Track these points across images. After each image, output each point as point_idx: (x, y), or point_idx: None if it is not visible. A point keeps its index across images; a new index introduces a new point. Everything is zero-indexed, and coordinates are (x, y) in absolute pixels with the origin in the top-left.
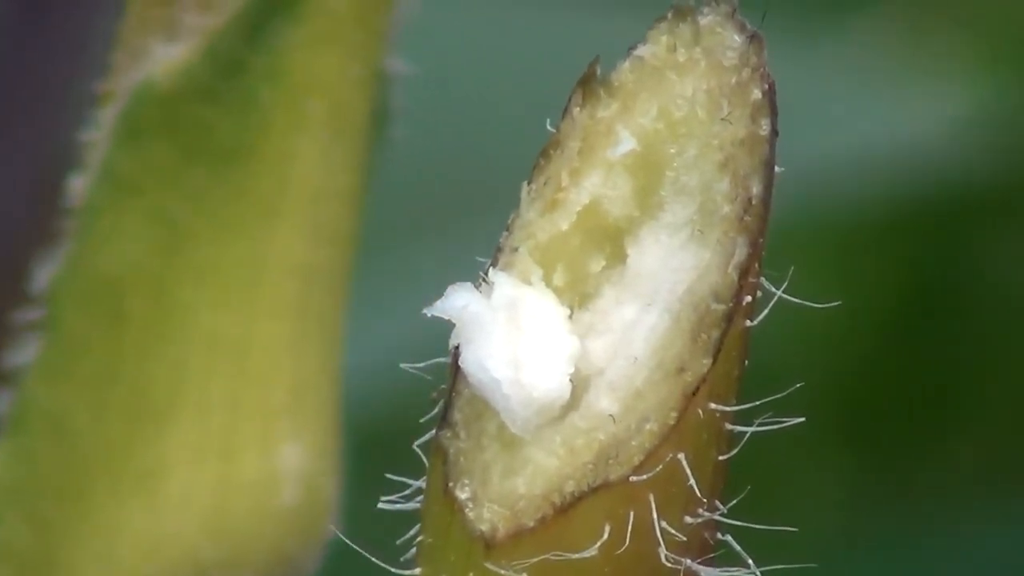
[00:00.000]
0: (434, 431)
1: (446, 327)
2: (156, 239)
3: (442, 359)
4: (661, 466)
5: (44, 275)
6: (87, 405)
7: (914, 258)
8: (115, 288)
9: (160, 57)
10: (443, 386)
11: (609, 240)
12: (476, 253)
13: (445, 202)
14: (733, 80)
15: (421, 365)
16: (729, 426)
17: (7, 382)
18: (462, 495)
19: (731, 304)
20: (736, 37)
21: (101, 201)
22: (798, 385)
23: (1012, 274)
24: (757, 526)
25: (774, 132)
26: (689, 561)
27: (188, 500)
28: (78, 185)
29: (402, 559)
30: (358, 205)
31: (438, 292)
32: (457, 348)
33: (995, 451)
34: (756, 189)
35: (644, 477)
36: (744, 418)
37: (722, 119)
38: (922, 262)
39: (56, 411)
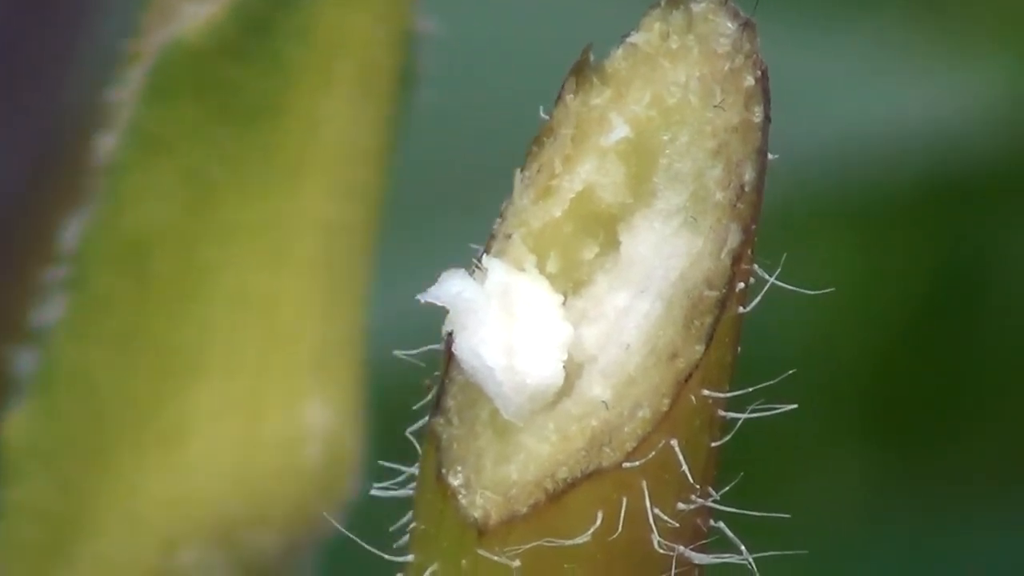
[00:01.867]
0: (427, 418)
1: (439, 314)
2: (183, 198)
3: (435, 346)
4: (654, 452)
5: (72, 234)
6: (113, 364)
7: (937, 243)
8: (142, 247)
9: (189, 16)
10: (436, 373)
11: (602, 227)
12: (470, 240)
13: (439, 188)
14: (726, 67)
15: (414, 352)
16: (722, 413)
17: (33, 341)
18: (455, 482)
19: (724, 290)
20: (729, 24)
21: (129, 160)
22: (790, 372)
23: None
24: (750, 512)
25: (767, 119)
26: (682, 547)
27: (213, 458)
28: (106, 144)
29: (395, 546)
30: (384, 165)
31: (432, 278)
32: (451, 335)
33: (1019, 445)
34: (749, 176)
35: (637, 463)
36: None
37: (715, 106)
38: (946, 246)
39: (82, 370)
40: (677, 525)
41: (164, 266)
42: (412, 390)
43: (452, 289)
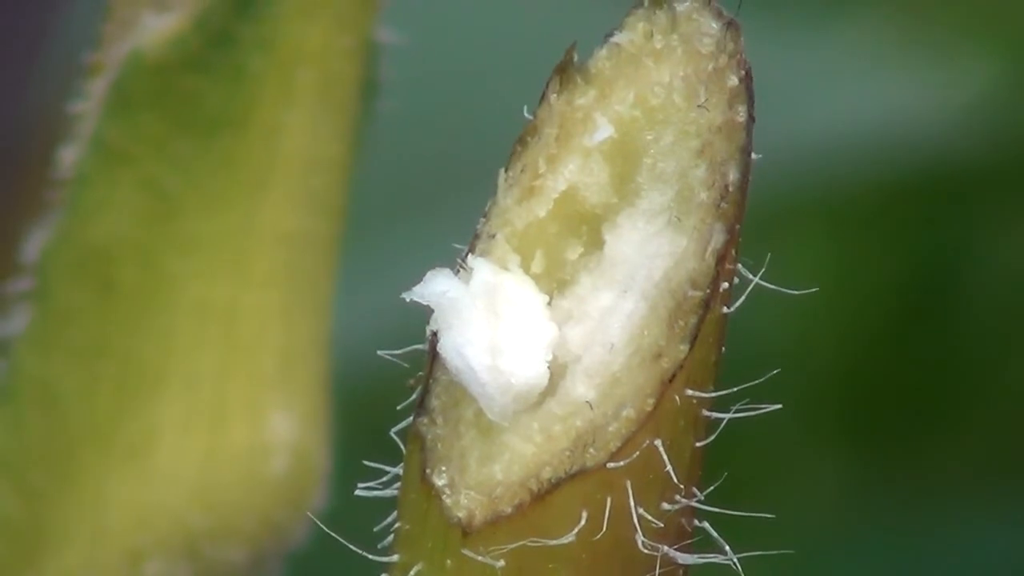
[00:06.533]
0: (411, 418)
1: (423, 313)
2: (146, 209)
3: (420, 346)
4: (638, 452)
5: (35, 245)
6: (77, 375)
7: (915, 242)
8: (105, 258)
9: (150, 28)
10: (420, 373)
11: (586, 227)
12: (453, 238)
13: (423, 184)
14: (710, 67)
15: (399, 352)
16: (706, 413)
17: None
18: (439, 482)
19: (708, 290)
20: (713, 24)
21: (91, 172)
22: (775, 371)
23: (1014, 259)
24: (734, 512)
25: (751, 118)
26: (666, 547)
27: (177, 470)
28: (68, 156)
29: (380, 546)
30: (347, 176)
31: (416, 277)
32: (435, 334)
33: (997, 443)
34: (733, 176)
35: (621, 463)
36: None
37: (699, 106)
38: (923, 246)
39: (46, 381)
40: (661, 525)
41: (126, 278)
42: (396, 390)
43: (437, 288)
